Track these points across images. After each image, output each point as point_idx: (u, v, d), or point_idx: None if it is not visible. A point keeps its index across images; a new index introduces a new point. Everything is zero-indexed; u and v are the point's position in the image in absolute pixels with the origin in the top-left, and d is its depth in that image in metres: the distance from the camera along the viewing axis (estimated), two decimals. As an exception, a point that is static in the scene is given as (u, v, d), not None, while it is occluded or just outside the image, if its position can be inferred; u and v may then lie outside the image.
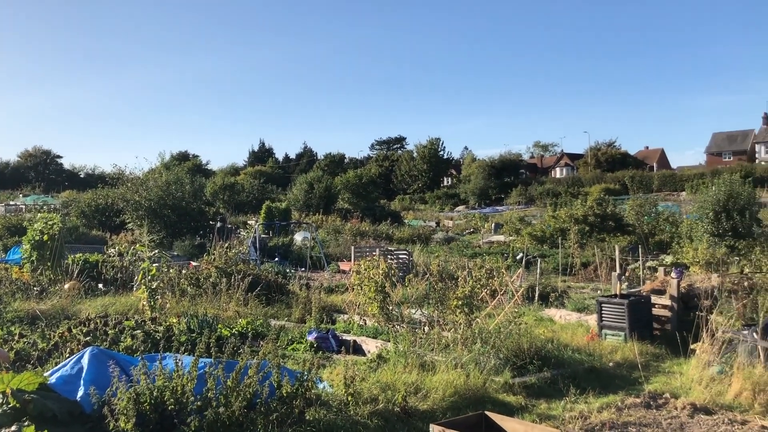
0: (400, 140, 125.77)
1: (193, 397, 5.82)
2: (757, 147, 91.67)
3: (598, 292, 16.34)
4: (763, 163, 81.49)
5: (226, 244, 17.52)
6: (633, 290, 13.87)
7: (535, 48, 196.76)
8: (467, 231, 44.82)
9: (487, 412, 6.06)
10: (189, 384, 5.85)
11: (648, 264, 19.52)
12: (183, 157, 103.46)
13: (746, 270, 15.46)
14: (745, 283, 13.14)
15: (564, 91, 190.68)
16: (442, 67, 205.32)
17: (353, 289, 12.35)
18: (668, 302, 12.01)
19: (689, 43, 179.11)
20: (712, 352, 9.10)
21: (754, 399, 7.81)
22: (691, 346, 9.72)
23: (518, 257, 22.97)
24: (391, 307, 11.47)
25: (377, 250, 20.38)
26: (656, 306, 12.12)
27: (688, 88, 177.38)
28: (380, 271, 11.21)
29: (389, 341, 10.41)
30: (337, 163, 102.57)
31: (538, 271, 17.48)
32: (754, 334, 9.29)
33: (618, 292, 12.23)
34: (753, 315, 11.06)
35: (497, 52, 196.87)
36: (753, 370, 8.29)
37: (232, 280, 13.99)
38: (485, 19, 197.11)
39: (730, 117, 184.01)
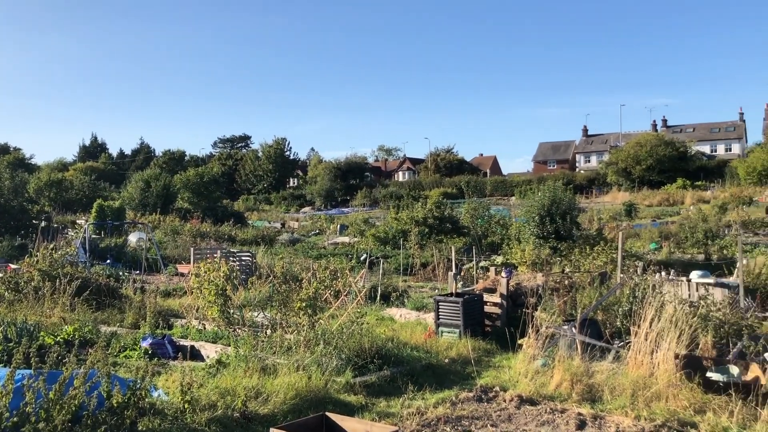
0: (245, 139, 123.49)
1: (8, 413, 5.30)
2: (577, 157, 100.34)
3: (436, 291, 17.01)
4: (582, 171, 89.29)
5: (51, 245, 16.19)
6: (467, 289, 14.59)
7: (381, 56, 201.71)
8: (313, 232, 44.90)
9: (327, 413, 6.08)
10: (3, 399, 5.32)
11: (481, 264, 20.67)
12: (2, 149, 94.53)
13: (567, 270, 16.84)
14: (566, 282, 14.29)
15: (407, 97, 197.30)
16: (287, 67, 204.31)
17: (192, 292, 11.92)
18: (498, 300, 12.76)
19: (521, 59, 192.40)
20: (537, 347, 9.80)
21: (572, 388, 8.51)
22: (519, 341, 10.42)
23: (362, 258, 23.38)
24: (232, 311, 11.20)
25: (219, 251, 19.82)
26: (488, 304, 12.83)
27: (520, 101, 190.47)
28: (221, 274, 10.91)
29: (230, 345, 10.15)
30: (176, 161, 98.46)
31: (381, 271, 17.89)
32: (573, 329, 10.13)
33: (454, 291, 12.81)
34: (572, 311, 12.05)
35: (344, 56, 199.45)
36: (572, 362, 9.02)
37: (58, 283, 12.97)
38: (331, 23, 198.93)
39: (555, 128, 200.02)
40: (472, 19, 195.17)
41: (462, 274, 18.83)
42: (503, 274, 14.01)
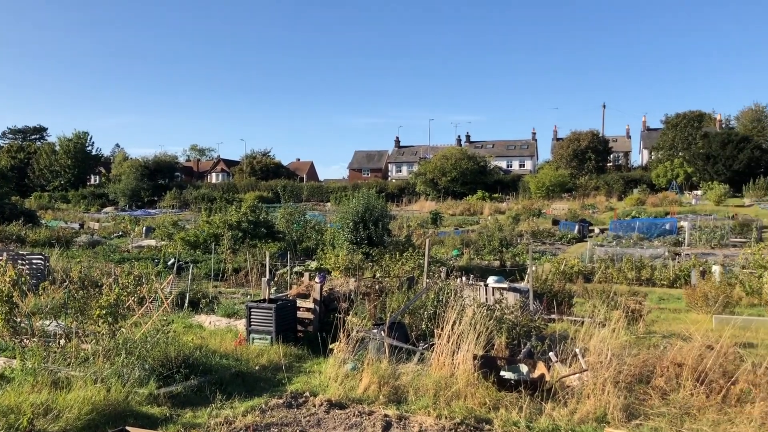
0: (40, 130, 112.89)
1: None
2: (390, 166, 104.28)
3: (248, 297, 16.71)
4: (394, 180, 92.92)
5: None
6: (281, 295, 14.51)
7: (192, 55, 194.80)
8: (116, 234, 42.05)
9: (127, 427, 5.72)
10: None
11: (295, 269, 20.67)
12: None
13: (378, 275, 17.38)
14: (377, 287, 14.74)
15: (222, 97, 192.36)
16: (91, 57, 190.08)
17: (-30, 299, 10.59)
18: (312, 305, 12.83)
19: (339, 69, 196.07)
20: (348, 351, 9.99)
21: (379, 391, 8.78)
22: (330, 346, 10.55)
23: (170, 263, 22.31)
24: (19, 319, 10.14)
25: (5, 254, 17.85)
26: (301, 309, 12.85)
27: (337, 109, 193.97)
28: (7, 279, 9.84)
29: (15, 358, 9.17)
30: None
31: (190, 277, 17.20)
32: (382, 332, 10.47)
33: (267, 297, 12.67)
34: (382, 315, 12.44)
35: (156, 54, 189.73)
36: (380, 365, 9.31)
37: None
38: (141, 20, 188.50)
39: (370, 138, 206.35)
40: (290, 27, 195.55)
41: (276, 279, 18.70)
42: (317, 279, 14.10)
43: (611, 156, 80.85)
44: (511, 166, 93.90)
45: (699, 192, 55.89)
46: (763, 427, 7.49)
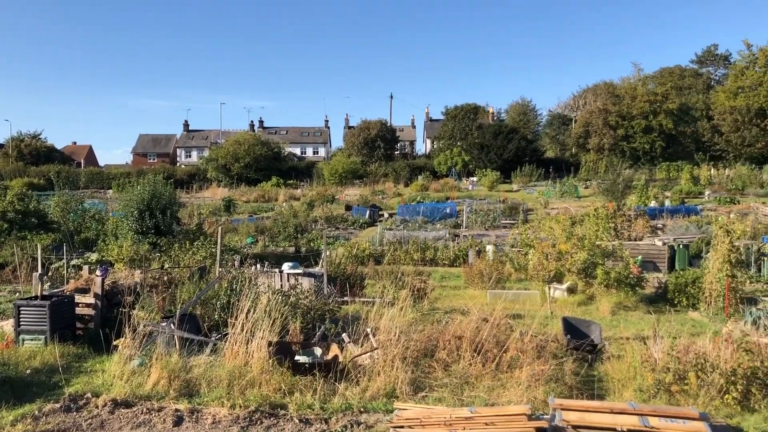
0: None
1: None
2: (178, 151, 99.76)
3: (17, 294, 15.08)
4: (183, 166, 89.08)
5: None
6: (56, 290, 13.26)
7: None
8: None
9: None
10: None
11: (73, 262, 19.01)
12: None
13: (166, 265, 16.58)
14: (165, 278, 14.07)
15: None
16: None
17: None
18: (92, 301, 11.90)
19: (117, 45, 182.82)
20: (134, 346, 9.42)
21: (170, 385, 8.41)
22: (115, 343, 9.88)
23: None
24: None
25: None
26: (80, 305, 11.87)
27: (117, 88, 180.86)
28: None
29: None
30: None
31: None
32: (172, 325, 10.02)
33: (39, 294, 11.51)
34: (171, 307, 11.91)
35: None
36: (170, 359, 8.91)
37: None
38: None
39: (156, 121, 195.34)
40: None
41: (50, 274, 17.05)
42: (98, 272, 13.12)
43: (398, 144, 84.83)
44: (305, 153, 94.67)
45: (475, 178, 60.76)
46: (530, 388, 8.38)
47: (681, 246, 23.46)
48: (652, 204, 39.03)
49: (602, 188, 42.53)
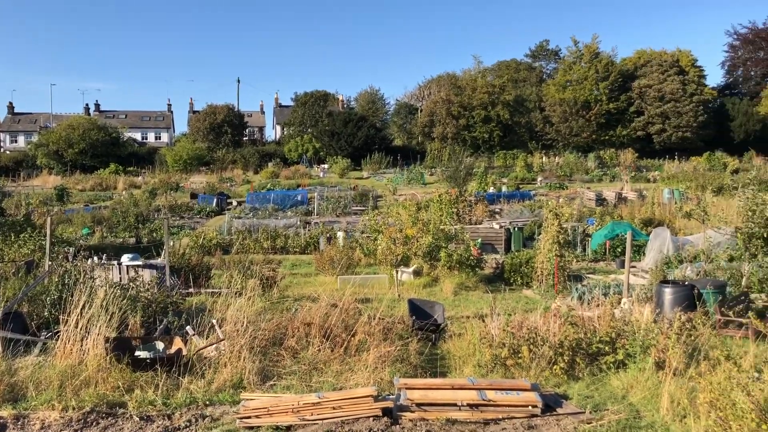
0: None
1: None
2: (2, 135, 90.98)
3: None
4: (8, 152, 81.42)
5: None
6: None
7: None
8: None
9: None
10: None
11: None
12: None
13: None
14: (-14, 274, 12.82)
15: None
16: None
17: None
18: None
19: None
20: (-53, 351, 8.50)
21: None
22: (-77, 348, 8.84)
23: None
24: None
25: None
26: None
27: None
28: None
29: None
30: None
31: None
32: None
33: None
34: (-7, 306, 10.87)
35: None
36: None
37: None
38: None
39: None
40: None
41: None
42: None
43: (247, 130, 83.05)
44: (146, 138, 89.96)
45: (326, 166, 61.02)
46: (377, 370, 8.57)
47: (516, 229, 25.04)
48: (491, 190, 41.31)
49: (446, 175, 44.33)
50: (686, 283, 12.93)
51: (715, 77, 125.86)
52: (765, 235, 14.08)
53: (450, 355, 9.85)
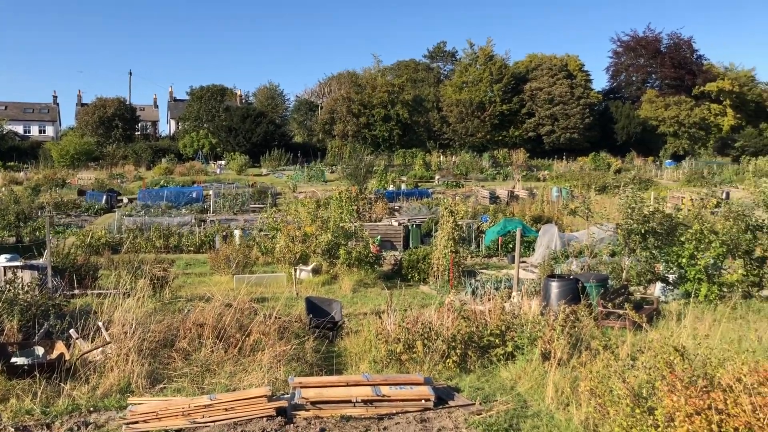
0: None
1: None
2: None
3: None
4: None
5: None
6: None
7: None
8: None
9: None
10: None
11: None
12: None
13: None
14: None
15: None
16: None
17: None
18: None
19: None
20: None
21: None
22: None
23: None
24: None
25: None
26: None
27: None
28: None
29: None
30: None
31: None
32: None
33: None
34: None
35: None
36: None
37: None
38: None
39: None
40: None
41: None
42: None
43: (139, 125, 79.84)
44: (29, 132, 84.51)
45: (223, 162, 59.64)
46: (272, 370, 8.47)
47: (414, 226, 25.48)
48: (391, 188, 41.82)
49: (347, 173, 44.47)
50: (571, 277, 13.60)
51: (600, 82, 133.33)
52: (642, 231, 14.97)
53: (347, 352, 9.88)
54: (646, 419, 5.89)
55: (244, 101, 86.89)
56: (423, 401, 7.27)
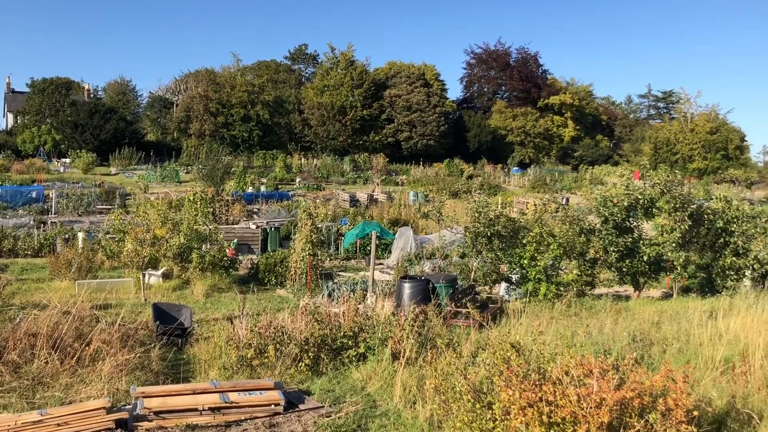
0: None
1: None
2: None
3: None
4: None
5: None
6: None
7: None
8: None
9: None
10: None
11: None
12: None
13: None
14: None
15: None
16: None
17: None
18: None
19: None
20: None
21: None
22: None
23: None
24: None
25: None
26: None
27: None
28: None
29: None
30: None
31: None
32: None
33: None
34: None
35: None
36: None
37: None
38: None
39: None
40: None
41: None
42: None
43: (-30, 117, 72.78)
44: None
45: (68, 160, 55.65)
46: (113, 380, 8.02)
47: (273, 229, 25.21)
48: (250, 189, 41.08)
49: (203, 174, 43.10)
50: (423, 278, 14.06)
51: (455, 91, 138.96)
52: (488, 234, 15.80)
53: (196, 359, 9.57)
54: (485, 414, 6.20)
55: (92, 96, 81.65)
56: (273, 406, 7.21)
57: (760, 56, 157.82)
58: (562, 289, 15.13)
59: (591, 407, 5.60)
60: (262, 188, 43.07)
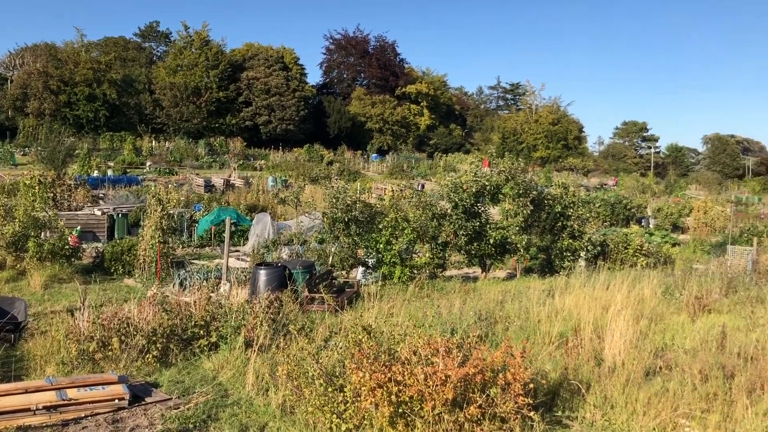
0: None
1: None
2: None
3: None
4: None
5: None
6: None
7: None
8: None
9: None
10: None
11: None
12: None
13: None
14: None
15: None
16: None
17: None
18: None
19: None
20: None
21: None
22: None
23: None
24: None
25: None
26: None
27: None
28: None
29: None
30: None
31: None
32: None
33: None
34: None
35: None
36: None
37: None
38: None
39: None
40: None
41: None
42: None
43: None
44: None
45: None
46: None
47: (120, 215, 23.90)
48: (95, 173, 38.59)
49: (42, 156, 39.89)
50: (279, 264, 13.94)
51: (314, 76, 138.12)
52: (346, 220, 15.97)
53: (31, 355, 8.88)
54: (337, 396, 6.28)
55: None
56: (117, 401, 6.86)
57: (597, 51, 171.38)
58: (415, 271, 15.62)
59: (437, 385, 5.84)
60: (109, 172, 40.62)
